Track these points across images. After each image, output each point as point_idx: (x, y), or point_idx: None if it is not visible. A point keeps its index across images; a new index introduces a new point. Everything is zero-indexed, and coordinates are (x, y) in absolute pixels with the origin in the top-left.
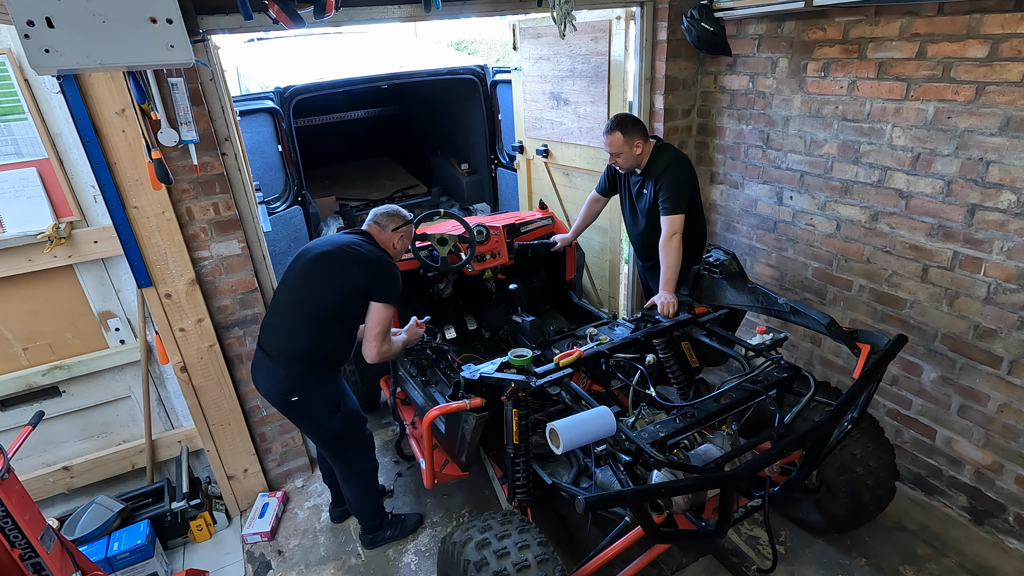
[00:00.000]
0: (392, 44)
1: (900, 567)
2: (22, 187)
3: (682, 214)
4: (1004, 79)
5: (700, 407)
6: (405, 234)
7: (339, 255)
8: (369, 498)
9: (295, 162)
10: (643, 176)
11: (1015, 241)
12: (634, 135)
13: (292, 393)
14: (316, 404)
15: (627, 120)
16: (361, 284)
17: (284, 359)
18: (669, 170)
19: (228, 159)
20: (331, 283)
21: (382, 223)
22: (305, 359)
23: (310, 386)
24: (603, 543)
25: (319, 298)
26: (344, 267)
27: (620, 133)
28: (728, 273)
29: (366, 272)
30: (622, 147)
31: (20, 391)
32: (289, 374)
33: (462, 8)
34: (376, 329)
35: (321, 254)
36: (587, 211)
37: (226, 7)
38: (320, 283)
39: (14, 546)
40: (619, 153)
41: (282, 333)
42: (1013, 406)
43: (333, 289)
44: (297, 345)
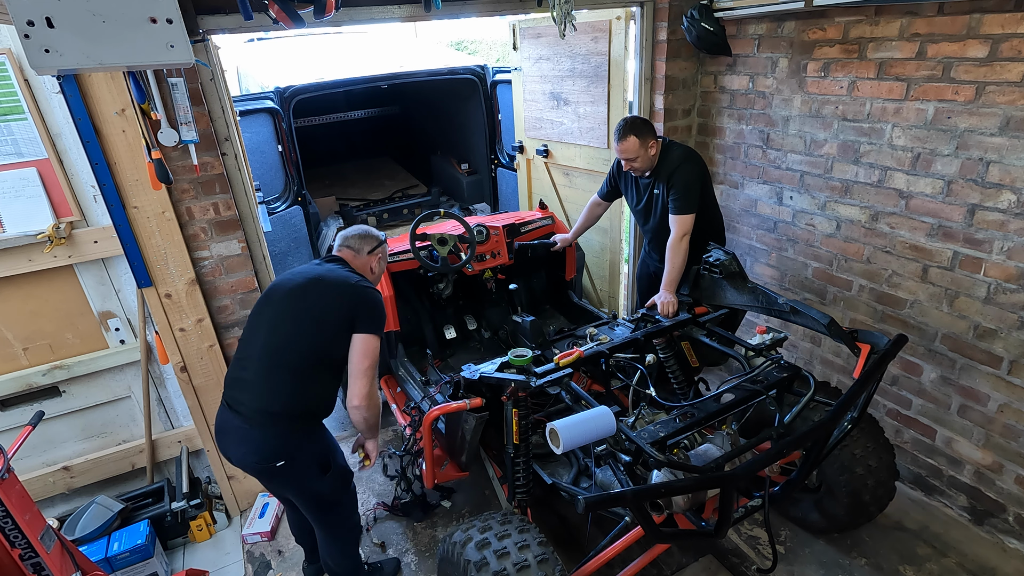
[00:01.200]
0: (392, 44)
1: (900, 567)
2: (22, 187)
3: (692, 214)
4: (1004, 79)
5: (700, 407)
6: (382, 256)
7: (313, 287)
8: (350, 557)
9: (295, 162)
10: (653, 176)
11: (1015, 241)
12: (647, 136)
13: (276, 458)
14: (303, 467)
15: (638, 123)
16: (342, 315)
17: (262, 418)
18: (680, 168)
19: (228, 159)
20: (310, 321)
21: (355, 247)
22: (287, 416)
23: (295, 447)
24: (603, 543)
25: (298, 340)
26: (321, 299)
27: (635, 137)
28: (728, 273)
29: (346, 300)
30: (638, 151)
31: (20, 391)
32: (269, 435)
33: (462, 8)
34: (363, 364)
35: (294, 288)
36: (588, 214)
37: (226, 7)
38: (297, 323)
39: (14, 546)
40: (635, 157)
41: (257, 387)
42: (1013, 406)
43: (312, 328)
44: (277, 400)
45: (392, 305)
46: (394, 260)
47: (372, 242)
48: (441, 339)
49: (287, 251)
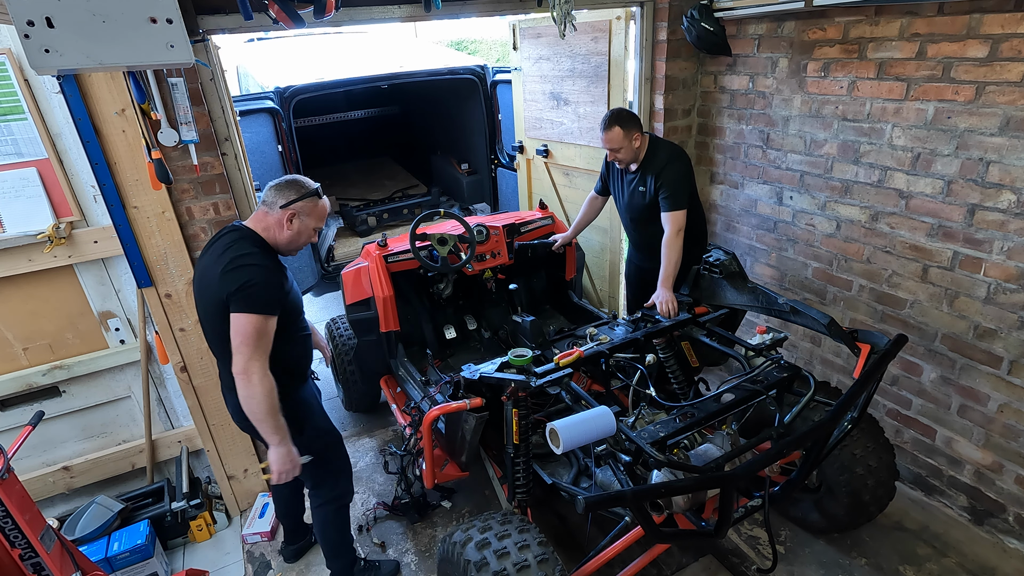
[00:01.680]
0: (392, 44)
1: (900, 567)
2: (22, 187)
3: (684, 209)
4: (1004, 79)
5: (700, 407)
6: (302, 210)
7: (200, 274)
8: (334, 529)
9: (295, 162)
10: (640, 171)
11: (1015, 241)
12: (632, 128)
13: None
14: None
15: (623, 114)
16: (218, 297)
17: (227, 390)
18: (670, 165)
19: (228, 159)
20: (206, 307)
21: (269, 200)
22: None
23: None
24: (603, 543)
25: (207, 329)
26: (205, 284)
27: (619, 128)
28: (728, 273)
29: (215, 277)
30: (622, 142)
31: (20, 391)
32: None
33: (462, 8)
34: (234, 341)
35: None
36: (587, 210)
37: (226, 7)
38: (201, 314)
39: (14, 546)
40: (619, 148)
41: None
42: (1013, 406)
43: (209, 314)
44: (227, 377)
45: (392, 305)
46: (394, 260)
47: (289, 193)
48: (441, 339)
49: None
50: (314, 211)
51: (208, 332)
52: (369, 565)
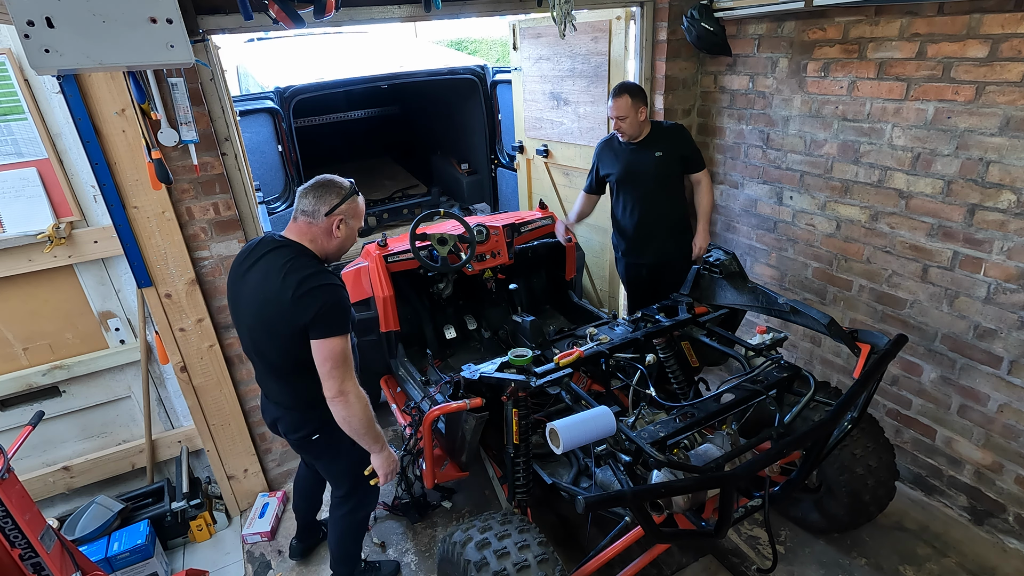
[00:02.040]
0: (392, 44)
1: (900, 567)
2: (22, 187)
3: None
4: (1004, 79)
5: (700, 407)
6: (348, 213)
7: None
8: (352, 539)
9: (295, 162)
10: (646, 142)
11: (1015, 241)
12: (639, 101)
13: (314, 433)
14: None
15: (633, 86)
16: (293, 326)
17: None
18: (684, 132)
19: (228, 159)
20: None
21: (309, 210)
22: (299, 406)
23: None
24: (603, 543)
25: (268, 351)
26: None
27: (628, 96)
28: (728, 273)
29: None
30: (629, 110)
31: (20, 391)
32: (305, 417)
33: (462, 8)
34: (324, 367)
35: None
36: (583, 206)
37: (226, 7)
38: (263, 334)
39: (14, 546)
40: (625, 117)
41: (265, 385)
42: (1013, 406)
43: (273, 341)
44: (283, 398)
45: (392, 305)
46: (394, 260)
47: (332, 198)
48: (441, 339)
49: None
50: (357, 211)
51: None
52: (370, 566)
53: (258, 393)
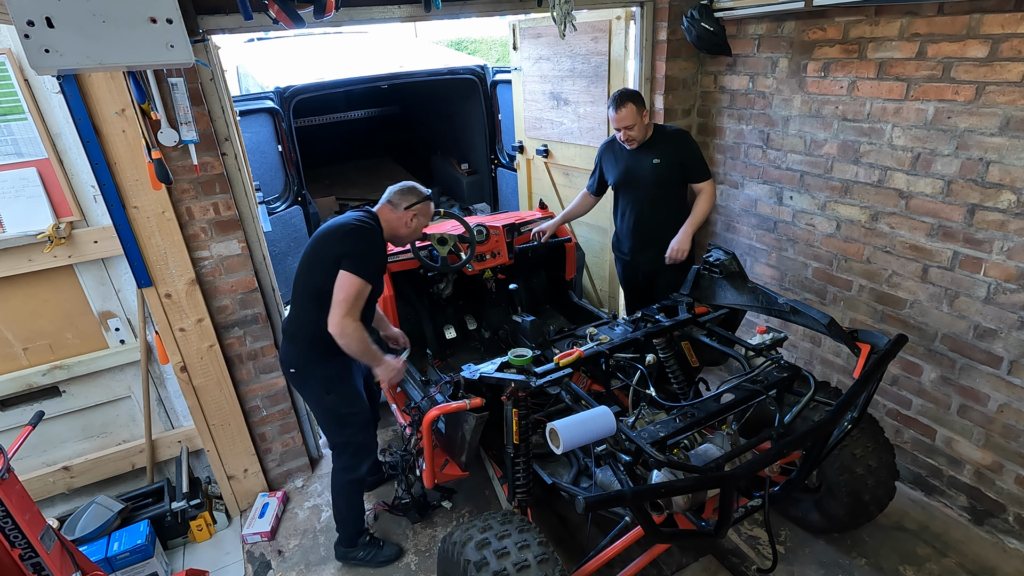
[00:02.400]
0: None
1: (900, 567)
2: (22, 187)
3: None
4: (1004, 79)
5: (700, 407)
6: (420, 212)
7: (327, 229)
8: (343, 498)
9: (295, 162)
10: (648, 146)
11: (1015, 241)
12: (642, 104)
13: (291, 366)
14: (310, 380)
15: (633, 92)
16: (333, 252)
17: (287, 334)
18: (686, 141)
19: (228, 159)
20: (314, 257)
21: (395, 201)
22: (301, 337)
23: (304, 361)
24: (603, 543)
25: (306, 273)
26: (325, 239)
27: (633, 104)
28: (728, 273)
29: (338, 238)
30: (635, 118)
31: (20, 391)
32: (290, 348)
33: (462, 8)
34: (337, 296)
35: (318, 232)
36: (578, 204)
37: (226, 7)
38: (308, 258)
39: (14, 546)
40: (633, 125)
41: (291, 310)
42: (1013, 406)
43: (315, 263)
44: (294, 322)
45: (392, 305)
46: (394, 260)
47: (412, 197)
48: (441, 339)
49: (287, 251)
50: (427, 212)
51: (304, 278)
52: (373, 541)
53: (258, 393)
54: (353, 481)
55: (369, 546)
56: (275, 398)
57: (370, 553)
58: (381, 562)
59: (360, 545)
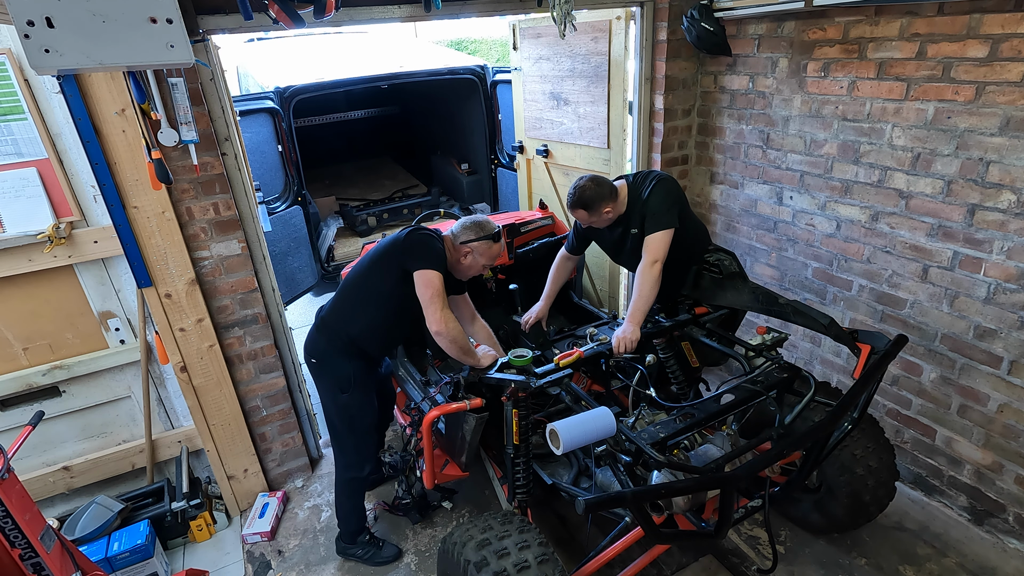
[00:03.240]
0: (392, 44)
1: (900, 567)
2: (22, 187)
3: (668, 230)
4: (1004, 79)
5: (700, 407)
6: (477, 250)
7: (395, 238)
8: (345, 497)
9: (295, 162)
10: (619, 222)
11: (1015, 241)
12: (600, 203)
13: (312, 355)
14: (328, 374)
15: (587, 193)
16: (396, 258)
17: (321, 322)
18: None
19: (228, 159)
20: (378, 260)
21: (456, 233)
22: (333, 329)
23: (326, 354)
24: (603, 543)
25: (365, 274)
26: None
27: (584, 211)
28: (728, 273)
29: (401, 245)
30: (590, 219)
31: (20, 391)
32: (317, 337)
33: (462, 8)
34: (425, 294)
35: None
36: (556, 275)
37: (226, 7)
38: (371, 260)
39: (14, 546)
40: (592, 223)
41: (335, 304)
42: (1013, 406)
43: (376, 266)
44: (334, 314)
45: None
46: None
47: (470, 233)
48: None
49: (287, 251)
50: (487, 252)
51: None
52: (373, 541)
53: (258, 393)
54: (354, 480)
55: (368, 545)
56: (275, 398)
57: (368, 552)
58: (379, 562)
59: (360, 543)
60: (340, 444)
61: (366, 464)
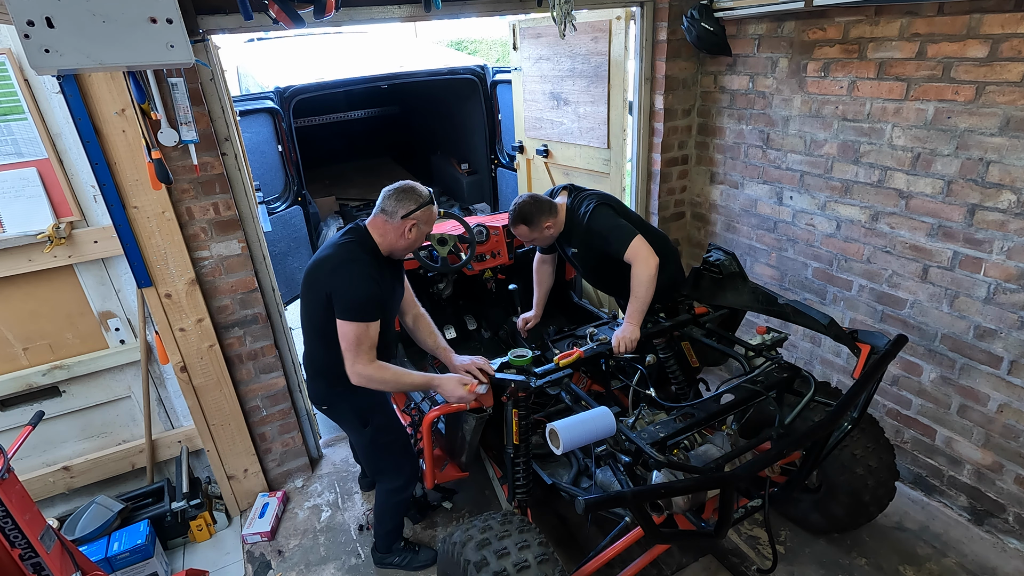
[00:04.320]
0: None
1: (900, 567)
2: (22, 187)
3: (635, 236)
4: (1004, 79)
5: (700, 407)
6: (420, 219)
7: (315, 265)
8: (389, 517)
9: (295, 162)
10: (563, 238)
11: (1015, 241)
12: (540, 219)
13: (321, 403)
14: (343, 415)
15: (527, 208)
16: (324, 289)
17: (308, 372)
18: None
19: (228, 159)
20: (309, 295)
21: (389, 209)
22: (320, 373)
23: (334, 396)
24: (603, 543)
25: (306, 312)
26: (315, 276)
27: (525, 227)
28: (728, 273)
29: (325, 276)
30: (532, 235)
31: (20, 391)
32: (313, 386)
33: (462, 8)
34: (343, 344)
35: (308, 266)
36: (539, 279)
37: (226, 7)
38: (304, 296)
39: (14, 546)
40: (532, 240)
41: (305, 346)
42: (1013, 406)
43: (311, 301)
44: (310, 359)
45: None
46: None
47: (409, 203)
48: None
49: (287, 251)
50: (429, 219)
51: (305, 316)
52: (409, 547)
53: (258, 393)
54: (400, 502)
55: (405, 551)
56: (275, 398)
57: (406, 559)
58: (416, 567)
59: (395, 551)
60: (381, 470)
61: (410, 484)
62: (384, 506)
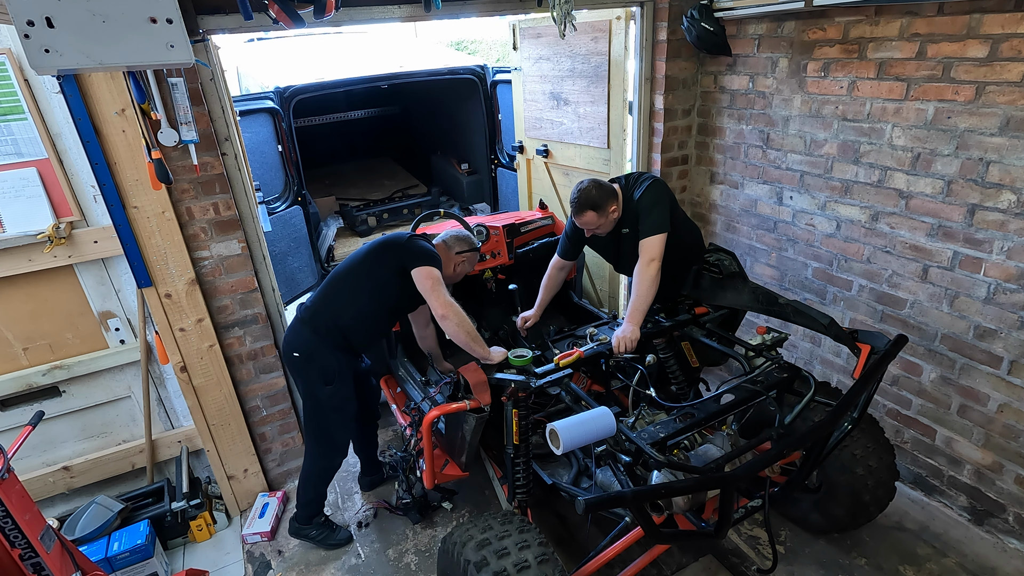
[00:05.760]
0: (392, 44)
1: (900, 567)
2: (22, 187)
3: (662, 234)
4: (1004, 79)
5: (700, 407)
6: (468, 260)
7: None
8: (312, 485)
9: (295, 162)
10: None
11: (1015, 241)
12: (606, 204)
13: (295, 349)
14: (312, 369)
15: (593, 194)
16: (395, 262)
17: (307, 314)
18: (642, 197)
19: (228, 159)
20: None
21: (449, 243)
22: (321, 322)
23: (315, 348)
24: (603, 543)
25: (357, 263)
26: (385, 249)
27: (593, 212)
28: (728, 273)
29: (404, 246)
30: (599, 221)
31: (20, 391)
32: (300, 331)
33: (462, 8)
34: (426, 284)
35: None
36: (548, 284)
37: (226, 7)
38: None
39: (14, 546)
40: (598, 226)
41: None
42: (1013, 406)
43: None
44: (322, 303)
45: None
46: None
47: (464, 245)
48: (441, 339)
49: (287, 251)
50: (472, 261)
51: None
52: (327, 523)
53: (258, 393)
54: (330, 468)
55: (323, 527)
56: (275, 398)
57: (322, 533)
58: (331, 544)
59: (315, 524)
60: (319, 435)
61: (339, 456)
62: (309, 472)
